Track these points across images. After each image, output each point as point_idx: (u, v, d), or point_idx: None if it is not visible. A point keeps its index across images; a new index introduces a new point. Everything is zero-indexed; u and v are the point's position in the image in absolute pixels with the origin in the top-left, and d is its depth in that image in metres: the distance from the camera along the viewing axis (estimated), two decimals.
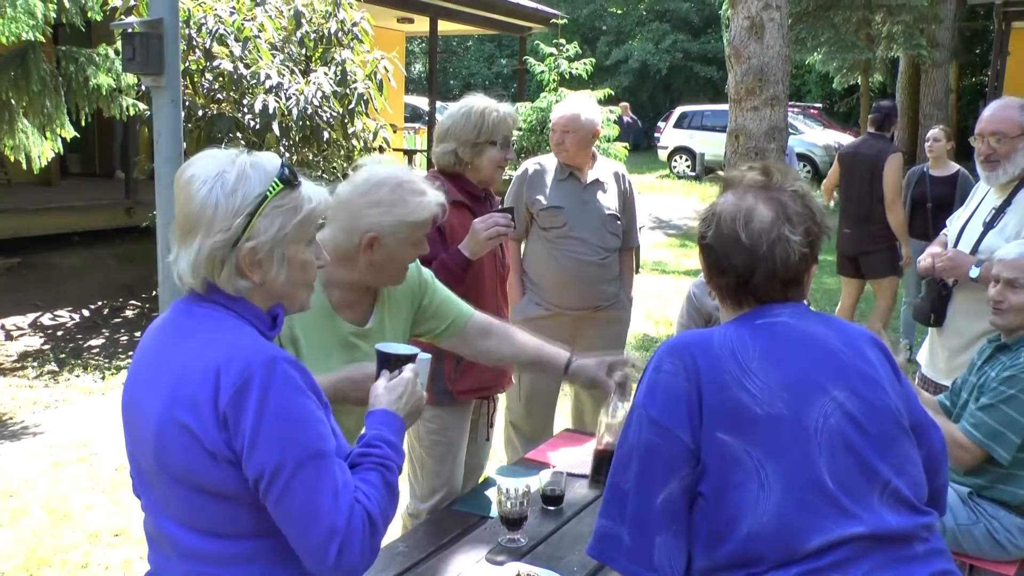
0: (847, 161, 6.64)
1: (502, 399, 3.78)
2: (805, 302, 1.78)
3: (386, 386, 1.83)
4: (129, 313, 7.88)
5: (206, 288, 1.60)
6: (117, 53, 6.48)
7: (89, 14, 6.26)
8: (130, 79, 6.49)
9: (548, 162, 4.01)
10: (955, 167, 6.60)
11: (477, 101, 3.12)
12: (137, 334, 7.24)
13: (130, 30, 3.33)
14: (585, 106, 3.93)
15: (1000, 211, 3.34)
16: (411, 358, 1.89)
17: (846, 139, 21.61)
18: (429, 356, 2.02)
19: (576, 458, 3.17)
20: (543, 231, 3.92)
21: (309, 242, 1.67)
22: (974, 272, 3.24)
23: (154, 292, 8.14)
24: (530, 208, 3.93)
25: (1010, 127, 3.28)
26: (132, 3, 6.32)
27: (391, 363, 1.88)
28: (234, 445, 1.50)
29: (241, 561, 1.59)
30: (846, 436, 1.57)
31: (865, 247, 6.49)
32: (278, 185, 1.58)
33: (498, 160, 3.10)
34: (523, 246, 4.07)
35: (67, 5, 5.96)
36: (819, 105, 25.42)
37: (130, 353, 6.55)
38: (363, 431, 1.74)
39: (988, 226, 3.35)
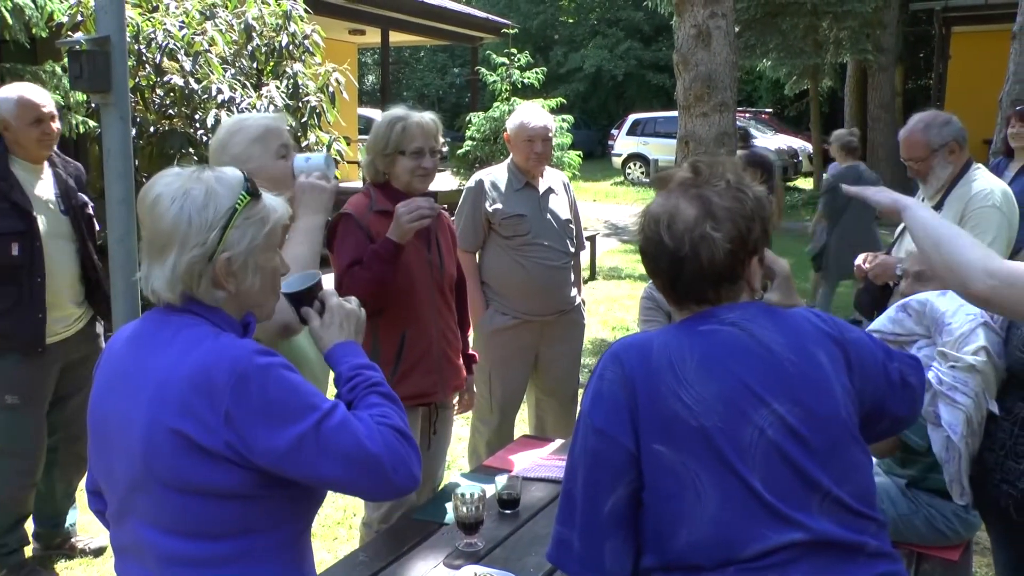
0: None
1: (467, 412, 3.80)
2: (757, 298, 1.74)
3: (322, 324, 1.86)
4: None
5: (183, 300, 1.65)
6: (64, 70, 6.40)
7: (34, 31, 6.17)
8: (79, 96, 6.42)
9: (499, 172, 4.07)
10: None
11: (392, 112, 3.14)
12: None
13: (77, 47, 3.32)
14: (546, 114, 4.07)
15: (935, 211, 3.48)
16: (319, 285, 1.90)
17: (798, 143, 22.01)
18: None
19: (533, 463, 3.21)
20: (505, 240, 3.96)
21: (277, 250, 1.74)
22: (899, 269, 3.41)
23: None
24: (490, 219, 3.96)
25: (920, 150, 3.54)
26: (79, 19, 6.27)
27: (305, 299, 1.88)
28: (244, 438, 1.54)
29: (229, 561, 1.61)
30: (783, 449, 1.55)
31: None
32: (246, 197, 1.65)
33: (413, 169, 3.10)
34: (477, 258, 4.09)
35: (10, 22, 5.87)
36: (770, 110, 25.79)
37: None
38: (332, 373, 1.82)
39: None
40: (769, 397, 1.58)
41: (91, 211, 3.73)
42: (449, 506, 2.70)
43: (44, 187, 3.57)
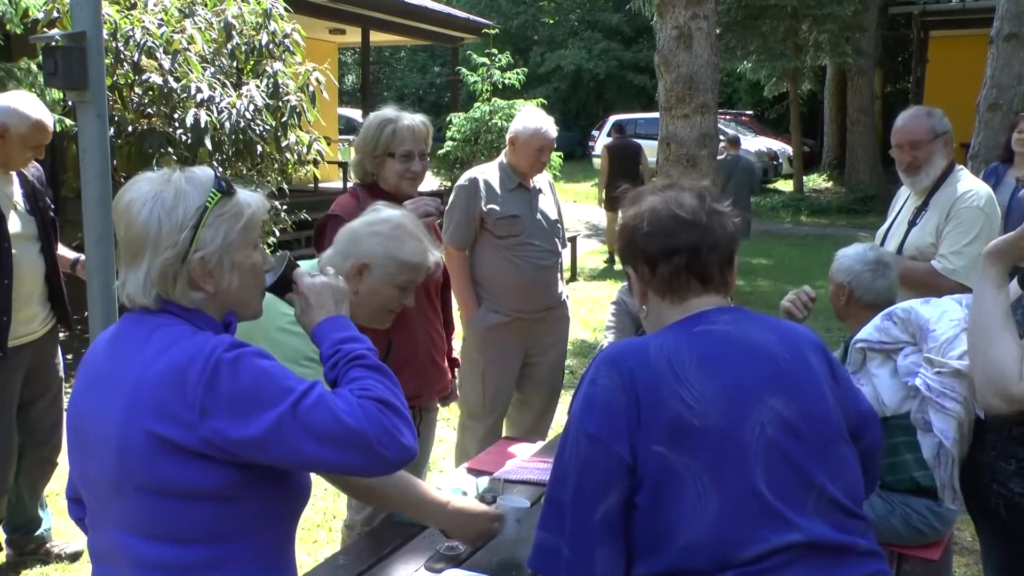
0: None
1: (452, 409, 3.79)
2: (729, 301, 1.77)
3: (303, 310, 1.83)
4: (60, 335, 7.68)
5: (159, 303, 1.62)
6: (39, 67, 6.33)
7: (8, 27, 6.11)
8: (55, 94, 6.35)
9: (491, 172, 4.07)
10: None
11: (383, 113, 3.14)
12: (69, 356, 7.05)
13: (53, 43, 3.27)
14: (549, 119, 4.08)
15: (920, 210, 3.58)
16: (290, 267, 1.86)
17: (778, 145, 22.13)
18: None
19: (515, 465, 3.19)
20: (499, 240, 3.97)
21: (255, 246, 1.71)
22: None
23: (85, 313, 7.96)
24: (484, 218, 3.96)
25: (924, 133, 3.52)
26: (55, 15, 6.19)
27: (287, 287, 1.86)
28: (222, 431, 1.51)
29: (206, 567, 1.59)
30: (782, 444, 1.57)
31: None
32: (216, 195, 1.62)
33: (400, 172, 3.11)
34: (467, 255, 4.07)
35: None
36: (750, 112, 25.92)
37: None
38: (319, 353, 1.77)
39: (912, 224, 3.59)
40: (767, 393, 1.60)
41: (53, 213, 3.68)
42: None
43: (10, 188, 3.51)
